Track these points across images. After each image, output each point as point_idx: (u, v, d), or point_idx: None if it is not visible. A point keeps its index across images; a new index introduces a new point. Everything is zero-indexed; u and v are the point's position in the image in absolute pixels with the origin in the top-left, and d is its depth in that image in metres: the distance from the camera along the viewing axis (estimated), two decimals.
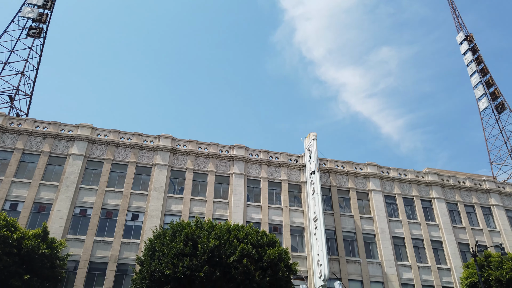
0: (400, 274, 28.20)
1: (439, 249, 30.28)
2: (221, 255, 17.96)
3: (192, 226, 19.43)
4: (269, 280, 18.27)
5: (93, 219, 25.32)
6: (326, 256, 25.43)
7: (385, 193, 31.85)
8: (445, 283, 28.64)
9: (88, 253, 24.07)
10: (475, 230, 31.83)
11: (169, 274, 17.38)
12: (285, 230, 28.21)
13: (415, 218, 31.35)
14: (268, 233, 20.95)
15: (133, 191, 27.08)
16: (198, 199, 27.97)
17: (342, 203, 30.85)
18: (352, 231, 29.43)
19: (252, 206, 28.75)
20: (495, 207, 33.26)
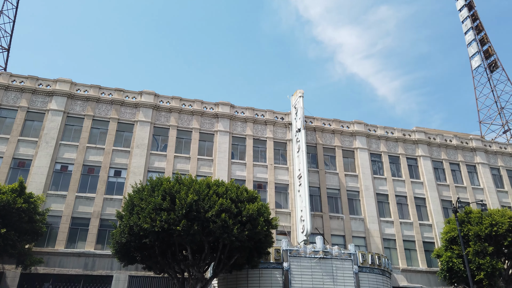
0: (382, 230, 28.67)
1: (422, 206, 30.66)
2: (199, 210, 17.88)
3: (171, 181, 19.22)
4: (248, 234, 18.32)
5: (75, 175, 25.05)
6: (309, 212, 25.63)
7: (371, 151, 31.75)
8: (426, 238, 29.25)
9: (70, 209, 24.01)
10: (459, 187, 32.14)
11: (147, 228, 17.34)
12: (270, 187, 28.25)
13: (400, 176, 31.49)
14: (249, 189, 20.82)
15: (115, 148, 26.66)
16: (182, 157, 27.69)
17: (327, 161, 30.78)
18: (337, 188, 29.57)
19: (237, 163, 28.58)
20: (480, 165, 33.45)
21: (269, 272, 22.16)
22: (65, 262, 22.46)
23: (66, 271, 22.25)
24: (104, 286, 22.61)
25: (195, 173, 26.90)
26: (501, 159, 34.54)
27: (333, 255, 23.11)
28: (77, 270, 22.43)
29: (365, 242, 27.96)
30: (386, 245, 28.35)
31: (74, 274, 22.33)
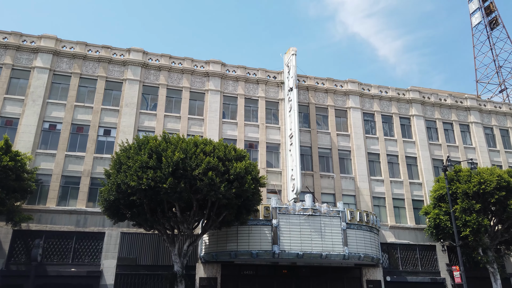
0: (372, 188, 28.97)
1: (413, 165, 30.83)
2: (186, 168, 17.88)
3: (158, 140, 19.09)
4: (235, 192, 18.46)
5: (63, 134, 24.87)
6: (299, 171, 25.73)
7: (364, 110, 31.45)
8: (415, 196, 29.63)
9: (60, 168, 24.04)
10: (451, 146, 32.16)
11: (134, 185, 17.42)
12: (261, 146, 28.19)
13: (392, 135, 31.41)
14: (238, 148, 20.74)
15: (104, 107, 26.31)
16: (172, 116, 27.39)
17: (320, 120, 30.54)
18: (328, 148, 29.54)
19: (228, 123, 28.35)
20: (473, 125, 33.29)
21: (258, 228, 22.58)
22: (57, 219, 22.78)
23: (58, 227, 22.62)
24: (96, 242, 23.08)
25: (185, 133, 26.73)
26: (495, 119, 34.35)
27: (321, 212, 23.46)
28: (69, 227, 22.80)
29: (355, 200, 28.33)
30: (376, 203, 28.75)
31: (66, 231, 22.71)
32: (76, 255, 22.53)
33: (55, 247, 22.36)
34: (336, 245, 22.92)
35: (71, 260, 22.31)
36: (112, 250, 22.93)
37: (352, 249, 23.05)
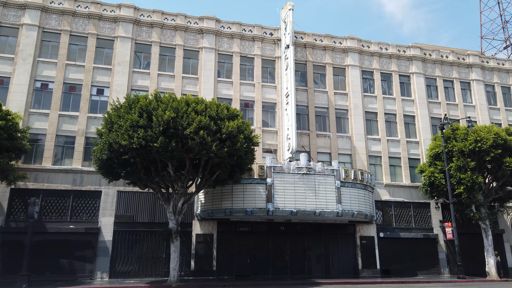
0: (368, 147, 28.90)
1: (410, 124, 30.54)
2: (177, 127, 17.72)
3: (149, 99, 18.82)
4: (227, 151, 18.41)
5: (56, 94, 24.60)
6: (295, 130, 25.60)
7: (362, 68, 30.72)
8: (412, 155, 29.60)
9: (54, 127, 23.98)
10: (450, 105, 31.68)
11: (125, 144, 17.38)
12: (257, 106, 27.86)
13: (391, 94, 30.89)
14: (231, 107, 20.45)
15: (96, 65, 25.81)
16: (165, 75, 26.90)
17: (317, 79, 29.95)
18: (325, 107, 29.18)
19: (223, 82, 27.86)
20: (474, 82, 32.59)
21: (253, 187, 22.81)
22: (53, 178, 23.03)
23: (55, 186, 22.92)
24: (93, 201, 23.46)
25: (180, 92, 26.36)
26: (497, 76, 33.55)
27: (316, 171, 23.55)
28: (66, 186, 23.10)
29: (351, 159, 28.36)
30: (372, 162, 28.79)
31: (63, 189, 23.03)
32: (74, 213, 22.99)
33: (53, 205, 22.78)
34: (330, 202, 23.21)
35: (69, 217, 22.79)
36: (109, 208, 23.35)
37: (345, 207, 23.36)
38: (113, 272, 22.44)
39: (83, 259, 22.30)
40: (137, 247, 23.20)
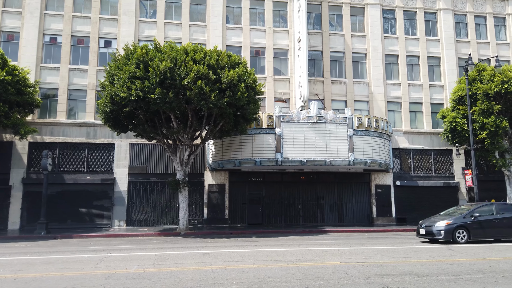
0: (387, 93, 27.41)
1: (435, 66, 28.44)
2: (174, 77, 17.32)
3: (149, 49, 18.37)
4: (228, 101, 17.94)
5: (65, 47, 24.63)
6: (306, 77, 24.53)
7: (383, 6, 28.36)
8: (435, 100, 27.87)
9: (65, 81, 24.29)
10: (481, 43, 29.02)
11: (124, 96, 17.31)
12: (268, 53, 26.73)
13: (414, 34, 28.57)
14: (233, 55, 19.64)
15: (102, 16, 25.36)
16: (172, 23, 26.09)
17: (333, 20, 28.07)
18: (341, 51, 27.55)
19: (232, 28, 26.72)
20: (510, 17, 29.42)
21: (261, 137, 22.49)
22: (68, 131, 23.71)
23: (70, 139, 23.64)
24: (107, 153, 24.11)
25: (187, 41, 25.59)
26: None
27: (327, 119, 22.77)
28: (81, 139, 23.76)
29: (368, 106, 27.12)
30: (391, 108, 27.42)
31: (78, 142, 23.74)
32: (89, 165, 23.82)
33: (69, 158, 23.66)
34: (342, 151, 22.60)
35: (86, 169, 23.67)
36: (123, 160, 23.97)
37: (358, 155, 22.70)
38: (129, 220, 23.50)
39: (101, 208, 23.40)
40: (152, 197, 23.96)
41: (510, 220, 14.97)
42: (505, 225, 14.91)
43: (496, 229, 14.86)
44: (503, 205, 15.64)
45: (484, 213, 15.01)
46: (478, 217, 14.66)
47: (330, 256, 10.46)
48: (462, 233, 14.51)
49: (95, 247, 13.40)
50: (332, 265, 8.95)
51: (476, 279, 7.33)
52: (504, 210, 15.27)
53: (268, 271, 8.27)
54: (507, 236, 14.98)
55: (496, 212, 15.04)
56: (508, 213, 15.07)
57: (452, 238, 14.37)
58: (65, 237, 18.01)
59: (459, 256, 10.39)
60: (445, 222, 14.61)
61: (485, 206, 15.38)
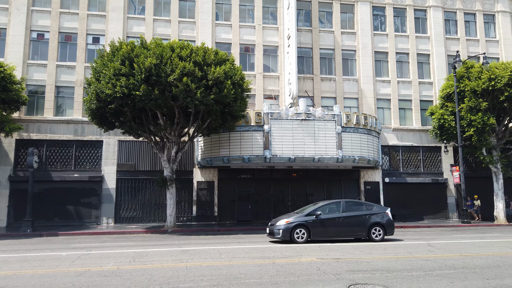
0: (377, 90, 27.44)
1: (424, 63, 28.49)
2: (160, 74, 17.24)
3: (132, 45, 18.26)
4: (214, 98, 17.89)
5: (52, 44, 24.45)
6: (296, 74, 24.49)
7: (373, 3, 28.34)
8: (424, 97, 27.94)
9: (53, 78, 24.12)
10: (470, 40, 29.09)
11: (110, 93, 17.22)
12: (258, 50, 26.66)
13: (404, 31, 28.60)
14: (220, 51, 19.57)
15: (90, 13, 25.18)
16: (161, 20, 25.96)
17: (322, 17, 28.02)
18: (331, 48, 27.53)
19: (222, 25, 26.61)
20: (499, 14, 29.50)
21: (250, 134, 22.44)
22: (55, 128, 23.56)
23: (57, 137, 23.50)
24: (96, 150, 24.00)
25: (176, 37, 25.48)
26: None
27: (316, 116, 22.74)
28: (68, 136, 23.63)
29: (357, 103, 27.15)
30: (380, 105, 27.47)
31: (66, 140, 23.61)
32: (77, 162, 23.70)
33: (57, 155, 23.53)
34: (330, 148, 22.60)
35: (73, 166, 23.55)
36: (111, 157, 23.88)
37: (346, 152, 22.71)
38: (118, 218, 23.43)
39: (89, 205, 23.31)
40: (140, 194, 23.90)
41: (355, 219, 14.12)
42: (349, 224, 14.04)
43: (340, 228, 13.94)
44: (352, 203, 14.85)
45: (330, 211, 14.23)
46: (320, 216, 13.77)
47: (309, 252, 10.48)
48: (301, 232, 13.54)
49: (77, 245, 13.36)
50: (307, 261, 8.97)
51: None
52: (352, 208, 14.49)
53: (243, 267, 8.28)
54: (351, 235, 14.13)
55: (343, 210, 14.23)
56: (355, 212, 14.29)
57: (290, 237, 13.36)
58: (51, 235, 17.94)
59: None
60: (284, 221, 13.72)
61: (332, 204, 14.58)
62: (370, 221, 14.11)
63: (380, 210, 14.75)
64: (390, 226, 14.39)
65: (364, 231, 13.98)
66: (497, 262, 8.66)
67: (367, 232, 13.99)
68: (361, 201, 15.53)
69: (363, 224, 14.06)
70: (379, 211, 14.61)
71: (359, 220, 14.10)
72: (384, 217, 14.41)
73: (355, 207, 14.59)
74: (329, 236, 13.86)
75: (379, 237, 14.00)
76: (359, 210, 14.43)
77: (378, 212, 14.50)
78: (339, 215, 14.03)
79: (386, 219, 14.37)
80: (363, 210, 14.46)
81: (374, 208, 14.66)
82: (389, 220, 14.47)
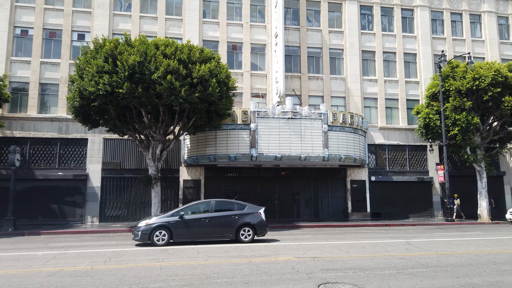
0: (364, 89, 27.55)
1: (411, 62, 28.66)
2: (143, 72, 17.10)
3: (116, 42, 18.07)
4: (199, 96, 17.79)
5: (36, 40, 24.12)
6: (283, 73, 24.47)
7: (361, 2, 28.41)
8: (410, 96, 28.12)
9: (37, 75, 23.81)
10: (456, 40, 29.32)
11: (92, 91, 17.04)
12: (245, 48, 26.58)
13: (391, 30, 28.73)
14: (205, 49, 19.46)
15: (75, 9, 24.89)
16: (148, 17, 25.75)
17: (310, 16, 28.03)
18: (319, 47, 27.56)
19: (209, 23, 26.48)
20: (486, 14, 29.76)
21: (236, 132, 22.38)
22: (39, 126, 23.28)
23: (41, 134, 23.22)
24: (80, 148, 23.77)
25: (163, 35, 25.27)
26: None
27: (302, 115, 22.76)
28: (52, 134, 23.36)
29: (344, 102, 27.23)
30: (367, 104, 27.58)
31: (50, 137, 23.33)
32: (61, 160, 23.44)
33: (41, 153, 23.25)
34: (316, 147, 22.63)
35: (58, 164, 23.29)
36: (96, 155, 23.66)
37: (332, 151, 22.76)
38: (102, 216, 23.23)
39: (74, 204, 23.07)
40: (125, 192, 23.73)
41: (223, 219, 13.38)
42: (216, 225, 13.24)
43: (206, 229, 13.14)
44: (223, 203, 14.19)
45: (198, 211, 13.52)
46: (184, 216, 12.99)
47: (287, 251, 10.48)
48: (162, 234, 12.64)
49: (57, 244, 13.21)
50: (284, 260, 8.97)
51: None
52: (222, 208, 13.77)
53: (217, 267, 8.24)
54: (217, 236, 13.26)
55: (213, 210, 13.50)
56: (224, 212, 13.55)
57: (149, 239, 12.48)
58: (33, 234, 17.71)
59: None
60: (145, 222, 12.90)
61: (202, 204, 13.95)
62: (240, 221, 13.35)
63: (252, 210, 13.94)
64: (262, 226, 13.68)
65: (232, 232, 13.20)
66: (470, 261, 8.73)
67: (235, 233, 13.21)
68: (234, 200, 14.60)
69: (231, 225, 13.30)
70: (250, 211, 13.84)
71: (227, 221, 13.35)
72: (255, 218, 13.66)
73: (226, 207, 13.90)
74: (193, 237, 13.04)
75: (248, 238, 13.21)
76: (229, 210, 13.70)
77: (250, 212, 13.73)
78: (206, 216, 13.28)
79: (257, 220, 13.63)
80: (234, 210, 13.72)
81: (246, 208, 13.89)
82: (261, 220, 13.73)
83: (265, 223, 13.99)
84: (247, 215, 13.63)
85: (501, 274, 7.36)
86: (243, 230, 13.32)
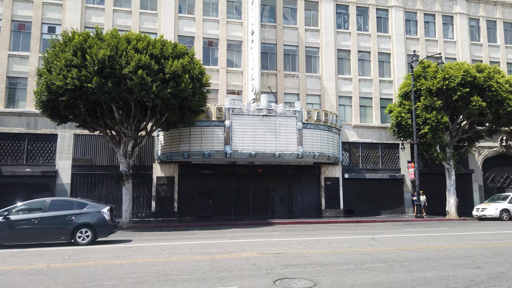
0: (339, 87, 27.83)
1: (385, 62, 29.13)
2: (114, 66, 16.77)
3: (86, 35, 17.64)
4: (171, 92, 17.58)
5: (4, 32, 23.36)
6: (259, 70, 24.46)
7: (337, 1, 28.66)
8: (384, 95, 28.59)
9: (4, 68, 23.08)
10: (429, 41, 29.95)
11: (60, 85, 16.61)
12: (221, 44, 26.44)
13: (366, 30, 29.10)
14: (179, 44, 19.24)
15: (46, 1, 24.23)
16: (122, 11, 25.28)
17: (287, 14, 28.10)
18: (295, 45, 27.66)
19: (185, 18, 26.21)
20: (458, 16, 30.50)
21: (211, 129, 22.28)
22: (6, 121, 22.56)
23: (8, 129, 22.52)
24: (49, 144, 23.17)
25: (137, 30, 24.87)
26: (483, 9, 31.30)
27: (277, 112, 22.82)
28: (20, 129, 22.68)
29: (320, 100, 27.44)
30: (342, 103, 27.89)
31: (18, 133, 22.66)
32: (30, 156, 22.81)
33: (7, 148, 22.55)
34: (291, 144, 22.76)
35: (25, 161, 22.65)
36: (66, 152, 23.11)
37: (307, 148, 22.93)
38: None
39: None
40: (97, 189, 23.29)
41: (57, 220, 12.03)
42: (48, 226, 11.89)
43: (36, 230, 11.78)
44: (60, 202, 12.82)
45: (29, 211, 12.19)
46: (9, 216, 11.73)
47: (253, 247, 10.49)
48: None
49: None
50: (246, 256, 8.96)
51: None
52: (59, 207, 12.36)
53: (178, 264, 8.16)
54: (49, 238, 11.96)
55: (48, 210, 12.12)
56: (59, 212, 12.17)
57: None
58: None
59: None
60: None
61: (35, 203, 12.61)
62: (77, 222, 12.10)
63: (93, 209, 12.64)
64: (103, 226, 12.44)
65: (67, 234, 11.93)
66: (428, 256, 8.94)
67: (71, 235, 11.96)
68: (74, 199, 13.50)
69: (66, 225, 12.00)
70: (91, 210, 12.55)
71: (62, 221, 12.00)
72: (95, 217, 12.38)
73: (63, 206, 12.48)
74: (20, 240, 11.79)
75: (86, 239, 12.03)
76: (67, 210, 12.34)
77: (89, 212, 12.45)
78: (36, 216, 11.88)
79: (97, 219, 12.36)
80: (73, 209, 12.41)
81: (86, 207, 12.60)
82: (102, 220, 12.45)
83: (109, 222, 12.63)
84: (85, 215, 12.33)
85: (454, 268, 7.55)
86: (80, 232, 12.07)
